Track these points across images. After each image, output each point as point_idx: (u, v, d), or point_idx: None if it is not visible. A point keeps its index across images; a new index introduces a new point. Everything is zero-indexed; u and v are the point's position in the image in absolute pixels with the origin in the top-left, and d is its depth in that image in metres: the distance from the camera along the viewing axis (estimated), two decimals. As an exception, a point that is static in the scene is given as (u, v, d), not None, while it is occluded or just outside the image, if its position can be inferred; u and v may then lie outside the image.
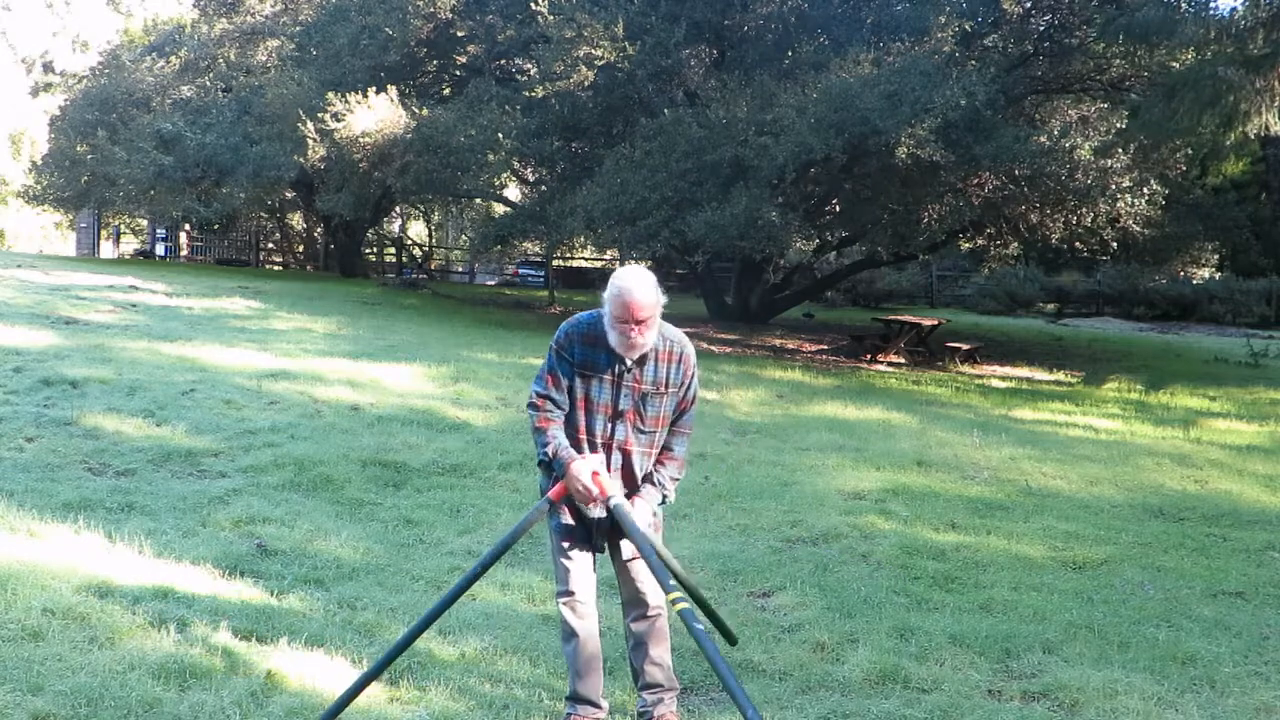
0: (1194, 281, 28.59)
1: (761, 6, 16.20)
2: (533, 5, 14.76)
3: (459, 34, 17.69)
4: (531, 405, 3.44)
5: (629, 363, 3.37)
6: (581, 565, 3.45)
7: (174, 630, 3.90)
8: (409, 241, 33.52)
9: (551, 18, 14.47)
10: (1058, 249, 20.31)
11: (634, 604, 3.51)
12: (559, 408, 3.42)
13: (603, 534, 3.47)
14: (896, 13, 15.46)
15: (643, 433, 3.45)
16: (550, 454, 3.36)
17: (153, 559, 4.79)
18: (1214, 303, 27.24)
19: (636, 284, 3.26)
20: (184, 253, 30.54)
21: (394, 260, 31.34)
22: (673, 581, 3.20)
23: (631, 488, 3.46)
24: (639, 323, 3.26)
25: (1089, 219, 16.19)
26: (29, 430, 6.83)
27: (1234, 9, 12.63)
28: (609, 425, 3.42)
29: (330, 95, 16.43)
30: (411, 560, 5.18)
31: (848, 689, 3.88)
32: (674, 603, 3.13)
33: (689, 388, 3.48)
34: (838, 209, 17.90)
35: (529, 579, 4.96)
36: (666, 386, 3.43)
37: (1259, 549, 5.93)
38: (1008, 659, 4.20)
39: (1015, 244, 19.51)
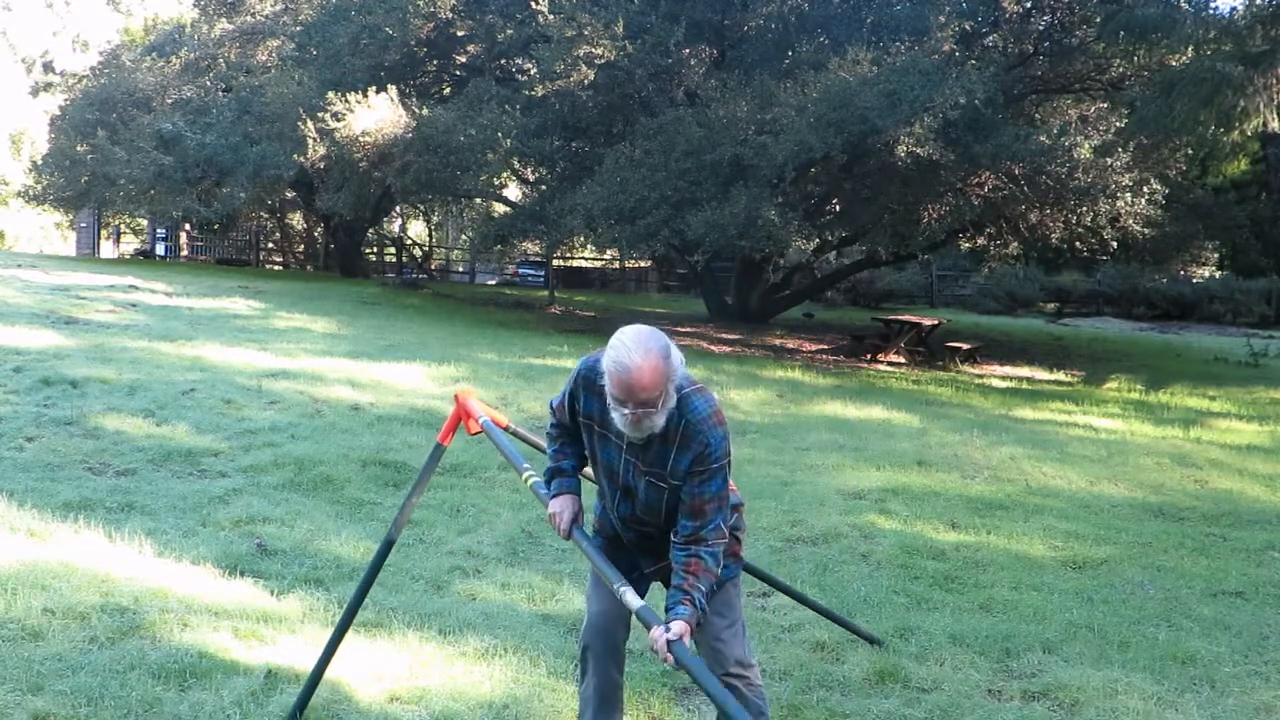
0: (1194, 281, 28.60)
1: (761, 6, 16.20)
2: (533, 4, 14.76)
3: (459, 34, 17.68)
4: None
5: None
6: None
7: (174, 630, 3.89)
8: (409, 241, 33.52)
9: (552, 17, 14.47)
10: (1058, 249, 20.31)
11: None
12: (569, 437, 2.95)
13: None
14: (896, 12, 15.46)
15: (645, 522, 2.83)
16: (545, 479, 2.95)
17: (153, 559, 4.78)
18: (1214, 302, 27.25)
19: (637, 360, 2.52)
20: (184, 253, 30.52)
21: (394, 260, 31.35)
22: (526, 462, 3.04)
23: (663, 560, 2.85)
24: (641, 405, 2.55)
25: (1089, 218, 16.18)
26: (29, 430, 6.83)
27: (1234, 8, 12.64)
28: (616, 495, 2.83)
29: (330, 95, 16.43)
30: (411, 560, 5.17)
31: (848, 689, 3.88)
32: (527, 479, 2.95)
33: (701, 487, 2.66)
34: (838, 208, 17.89)
35: (529, 578, 4.96)
36: (669, 479, 2.69)
37: (1259, 549, 5.93)
38: (1008, 659, 4.20)
39: (1015, 244, 19.51)
